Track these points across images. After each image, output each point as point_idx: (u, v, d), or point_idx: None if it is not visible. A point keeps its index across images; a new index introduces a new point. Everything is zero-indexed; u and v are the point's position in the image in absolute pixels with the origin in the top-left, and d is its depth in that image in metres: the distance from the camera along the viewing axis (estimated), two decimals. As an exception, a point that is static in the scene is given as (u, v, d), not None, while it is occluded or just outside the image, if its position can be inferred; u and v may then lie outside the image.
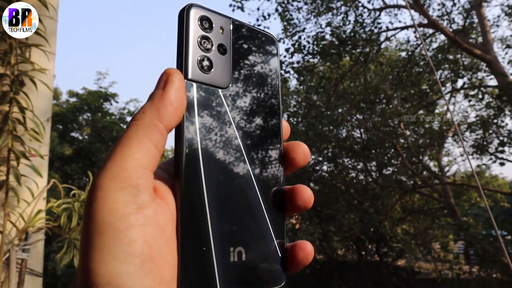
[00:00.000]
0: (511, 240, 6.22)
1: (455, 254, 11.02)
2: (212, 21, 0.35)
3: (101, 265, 0.24)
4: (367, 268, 11.75)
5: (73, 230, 1.70)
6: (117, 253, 0.25)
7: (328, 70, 8.42)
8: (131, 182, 0.27)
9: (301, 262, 0.35)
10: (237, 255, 0.32)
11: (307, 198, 0.36)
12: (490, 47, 6.59)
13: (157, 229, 0.27)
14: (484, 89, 7.72)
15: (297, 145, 0.38)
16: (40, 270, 1.69)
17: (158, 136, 0.29)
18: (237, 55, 0.36)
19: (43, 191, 1.65)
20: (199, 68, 0.33)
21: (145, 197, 0.27)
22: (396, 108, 8.71)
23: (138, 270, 0.25)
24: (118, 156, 0.28)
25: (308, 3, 7.60)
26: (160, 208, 0.28)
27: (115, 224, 0.25)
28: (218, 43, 0.35)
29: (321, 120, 8.03)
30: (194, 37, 0.33)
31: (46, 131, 1.64)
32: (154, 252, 0.26)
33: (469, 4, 7.58)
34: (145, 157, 0.28)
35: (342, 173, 10.17)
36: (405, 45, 9.07)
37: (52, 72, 1.72)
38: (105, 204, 0.26)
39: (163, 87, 0.31)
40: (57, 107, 12.30)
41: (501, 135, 7.85)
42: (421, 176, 8.34)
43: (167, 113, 0.30)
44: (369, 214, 8.58)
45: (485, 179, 12.78)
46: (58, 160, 11.16)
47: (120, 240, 0.25)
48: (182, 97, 0.31)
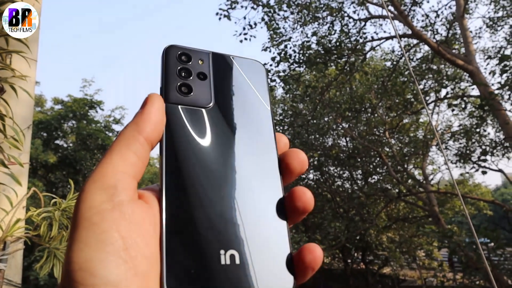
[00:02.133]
0: (494, 248, 6.29)
1: (439, 262, 11.12)
2: (190, 55, 0.40)
3: (76, 253, 0.26)
4: (353, 276, 11.78)
5: (54, 239, 1.67)
6: (90, 242, 0.27)
7: (314, 79, 8.50)
8: (109, 184, 0.29)
9: (310, 266, 0.33)
10: (229, 258, 0.31)
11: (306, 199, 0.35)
12: (472, 57, 6.71)
13: (132, 223, 0.29)
14: (467, 99, 7.86)
15: (292, 151, 0.38)
16: (18, 280, 1.66)
17: (138, 146, 0.32)
18: (218, 79, 0.40)
19: (22, 200, 1.63)
20: (178, 92, 0.37)
21: (122, 197, 0.29)
22: (381, 117, 8.81)
23: (110, 257, 0.26)
24: (101, 165, 0.30)
25: (295, 12, 7.67)
26: (138, 208, 0.30)
27: (91, 218, 0.27)
28: (197, 72, 0.39)
29: (307, 128, 8.07)
30: (173, 69, 0.38)
31: (26, 138, 1.61)
32: (128, 244, 0.27)
33: (452, 15, 7.74)
34: (124, 163, 0.31)
35: (328, 182, 10.21)
36: (390, 55, 9.20)
37: (33, 79, 1.70)
38: (85, 203, 0.28)
39: (143, 107, 0.34)
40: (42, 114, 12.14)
41: (483, 144, 7.99)
42: (406, 184, 8.41)
43: (146, 126, 0.33)
44: (355, 222, 8.61)
45: (468, 187, 12.93)
46: (42, 168, 11.00)
47: (94, 231, 0.27)
48: (161, 114, 0.34)
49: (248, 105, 0.40)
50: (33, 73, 1.71)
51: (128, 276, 0.26)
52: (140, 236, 0.29)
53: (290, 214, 0.35)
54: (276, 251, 0.33)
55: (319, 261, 0.33)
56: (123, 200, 0.29)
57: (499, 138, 7.75)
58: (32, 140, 10.32)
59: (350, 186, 10.45)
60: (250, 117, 0.39)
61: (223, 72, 0.41)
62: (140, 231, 0.29)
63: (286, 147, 0.40)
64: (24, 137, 1.54)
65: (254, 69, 0.42)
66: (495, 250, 6.29)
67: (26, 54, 1.55)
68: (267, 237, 0.34)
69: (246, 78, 0.41)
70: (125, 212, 0.29)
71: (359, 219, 8.75)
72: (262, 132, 0.39)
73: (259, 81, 0.42)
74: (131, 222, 0.28)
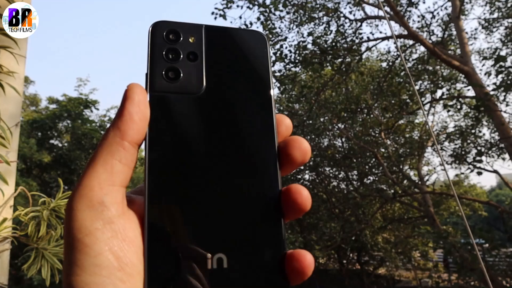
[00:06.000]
0: (489, 249, 6.30)
1: (435, 262, 11.14)
2: (179, 32, 0.35)
3: (73, 277, 0.26)
4: (348, 276, 11.78)
5: (42, 239, 1.64)
6: (86, 266, 0.27)
7: (310, 79, 8.48)
8: (97, 200, 0.28)
9: (298, 275, 0.30)
10: (217, 262, 0.29)
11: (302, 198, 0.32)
12: (468, 58, 6.72)
13: (124, 241, 0.28)
14: (462, 100, 7.87)
15: (294, 139, 0.34)
16: (5, 282, 1.62)
17: (122, 152, 0.30)
18: (212, 58, 0.36)
19: (9, 199, 1.59)
20: (164, 79, 0.34)
21: (112, 212, 0.29)
22: (377, 117, 8.81)
23: (107, 280, 0.27)
24: (85, 177, 0.29)
25: (291, 12, 7.66)
26: (128, 222, 0.29)
27: (83, 240, 0.27)
28: (187, 52, 0.35)
29: (302, 129, 8.05)
30: (158, 52, 0.34)
31: (14, 136, 1.58)
32: (123, 263, 0.28)
33: (447, 17, 7.74)
34: (111, 175, 0.29)
35: (323, 182, 10.21)
36: (386, 56, 9.21)
37: (22, 76, 1.66)
38: (75, 223, 0.28)
39: (122, 105, 0.31)
40: (36, 113, 12.08)
41: (478, 145, 8.00)
42: (401, 185, 8.42)
43: (129, 129, 0.31)
44: (350, 223, 8.61)
45: (463, 188, 12.99)
46: (37, 168, 10.93)
47: (88, 254, 0.27)
48: (143, 110, 0.32)
49: (246, 87, 0.35)
50: (22, 70, 1.67)
51: None
52: (134, 253, 0.29)
53: (286, 212, 0.33)
54: (270, 253, 0.31)
55: (308, 270, 0.31)
56: (113, 216, 0.29)
57: (494, 139, 7.76)
58: (27, 140, 10.25)
59: (346, 186, 10.44)
60: (247, 101, 0.35)
61: (218, 49, 0.36)
62: (133, 248, 0.29)
63: (288, 130, 0.36)
64: (12, 135, 1.51)
65: (254, 42, 0.37)
66: (490, 251, 6.30)
67: (14, 50, 1.52)
68: (260, 238, 0.31)
69: (244, 54, 0.37)
70: (117, 230, 0.28)
71: (355, 219, 8.75)
72: (261, 118, 0.35)
73: (260, 56, 0.37)
74: (123, 240, 0.28)
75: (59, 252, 1.66)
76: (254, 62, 0.36)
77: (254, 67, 0.36)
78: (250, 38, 0.37)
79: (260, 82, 0.36)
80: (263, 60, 0.37)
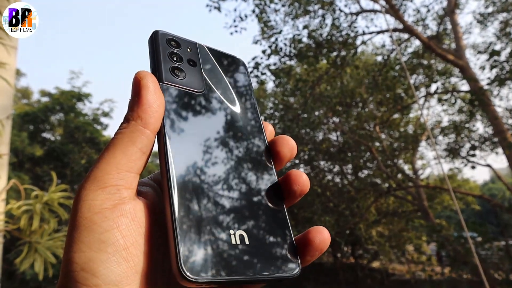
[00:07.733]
0: (481, 242, 6.35)
1: (428, 256, 11.22)
2: (179, 42, 0.40)
3: (77, 253, 0.26)
4: (342, 270, 11.84)
5: (34, 233, 1.62)
6: (92, 242, 0.26)
7: (305, 72, 8.45)
8: (112, 183, 0.29)
9: (319, 247, 0.33)
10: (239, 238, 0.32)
11: (302, 182, 0.36)
12: (462, 53, 6.73)
13: (133, 222, 0.29)
14: (457, 94, 7.89)
15: (282, 138, 0.38)
16: (-3, 275, 1.60)
17: (145, 141, 0.31)
18: (206, 68, 0.40)
19: (1, 192, 1.56)
20: (171, 74, 0.37)
21: (124, 195, 0.29)
22: (372, 111, 8.81)
23: (111, 257, 0.26)
24: (102, 162, 0.29)
25: (286, 5, 7.61)
26: (139, 206, 0.30)
27: (92, 218, 0.27)
28: (187, 58, 0.39)
29: (297, 122, 8.04)
30: (164, 52, 0.38)
31: (5, 129, 1.55)
32: (129, 243, 0.28)
33: (443, 11, 7.74)
34: (129, 161, 0.30)
35: (318, 176, 10.21)
36: (381, 49, 9.19)
37: (13, 67, 1.63)
38: (85, 202, 0.28)
39: (139, 93, 0.32)
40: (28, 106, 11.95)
41: (472, 139, 8.04)
42: (395, 179, 8.44)
43: (150, 117, 0.31)
44: (345, 217, 8.62)
45: (457, 182, 13.05)
46: (29, 161, 10.83)
47: (95, 231, 0.27)
48: (160, 97, 0.33)
49: (236, 95, 0.41)
50: (13, 61, 1.64)
51: (129, 274, 0.27)
52: (140, 234, 0.29)
53: (286, 197, 0.36)
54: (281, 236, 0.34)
55: (327, 242, 0.33)
56: (125, 198, 0.29)
57: (488, 134, 7.80)
58: (18, 133, 10.15)
59: (340, 180, 10.46)
60: (238, 106, 0.40)
61: (210, 63, 0.41)
62: (141, 229, 0.29)
63: (272, 135, 0.40)
64: (3, 127, 1.48)
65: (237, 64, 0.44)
66: (482, 244, 6.35)
67: (4, 40, 1.49)
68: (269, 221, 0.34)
69: (231, 71, 0.42)
70: (127, 210, 0.29)
71: (349, 213, 8.77)
72: (251, 121, 0.40)
73: (243, 74, 0.43)
74: (132, 219, 0.29)
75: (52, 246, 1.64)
76: (238, 78, 0.43)
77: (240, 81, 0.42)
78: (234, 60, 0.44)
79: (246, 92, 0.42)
80: (245, 77, 0.43)
